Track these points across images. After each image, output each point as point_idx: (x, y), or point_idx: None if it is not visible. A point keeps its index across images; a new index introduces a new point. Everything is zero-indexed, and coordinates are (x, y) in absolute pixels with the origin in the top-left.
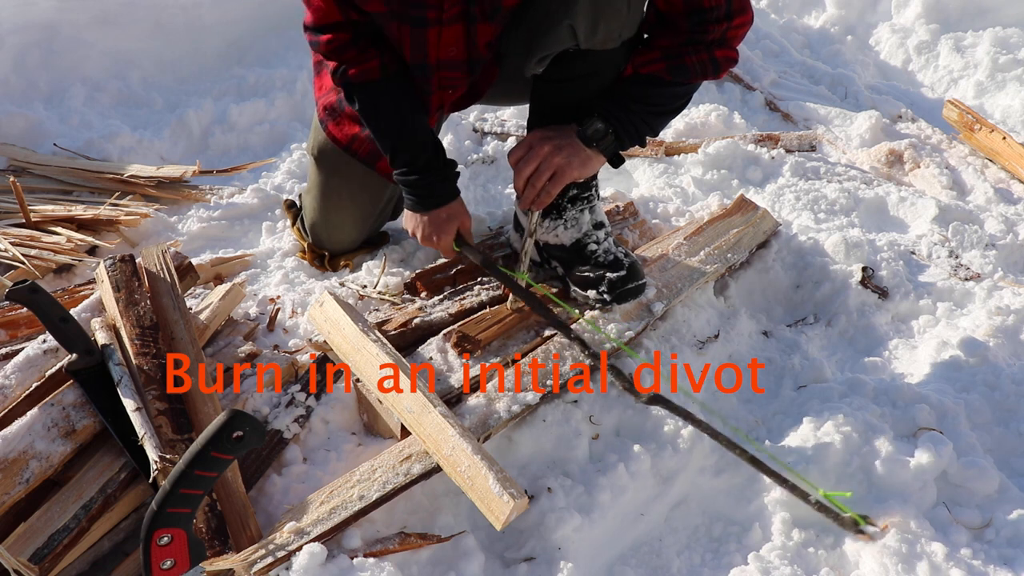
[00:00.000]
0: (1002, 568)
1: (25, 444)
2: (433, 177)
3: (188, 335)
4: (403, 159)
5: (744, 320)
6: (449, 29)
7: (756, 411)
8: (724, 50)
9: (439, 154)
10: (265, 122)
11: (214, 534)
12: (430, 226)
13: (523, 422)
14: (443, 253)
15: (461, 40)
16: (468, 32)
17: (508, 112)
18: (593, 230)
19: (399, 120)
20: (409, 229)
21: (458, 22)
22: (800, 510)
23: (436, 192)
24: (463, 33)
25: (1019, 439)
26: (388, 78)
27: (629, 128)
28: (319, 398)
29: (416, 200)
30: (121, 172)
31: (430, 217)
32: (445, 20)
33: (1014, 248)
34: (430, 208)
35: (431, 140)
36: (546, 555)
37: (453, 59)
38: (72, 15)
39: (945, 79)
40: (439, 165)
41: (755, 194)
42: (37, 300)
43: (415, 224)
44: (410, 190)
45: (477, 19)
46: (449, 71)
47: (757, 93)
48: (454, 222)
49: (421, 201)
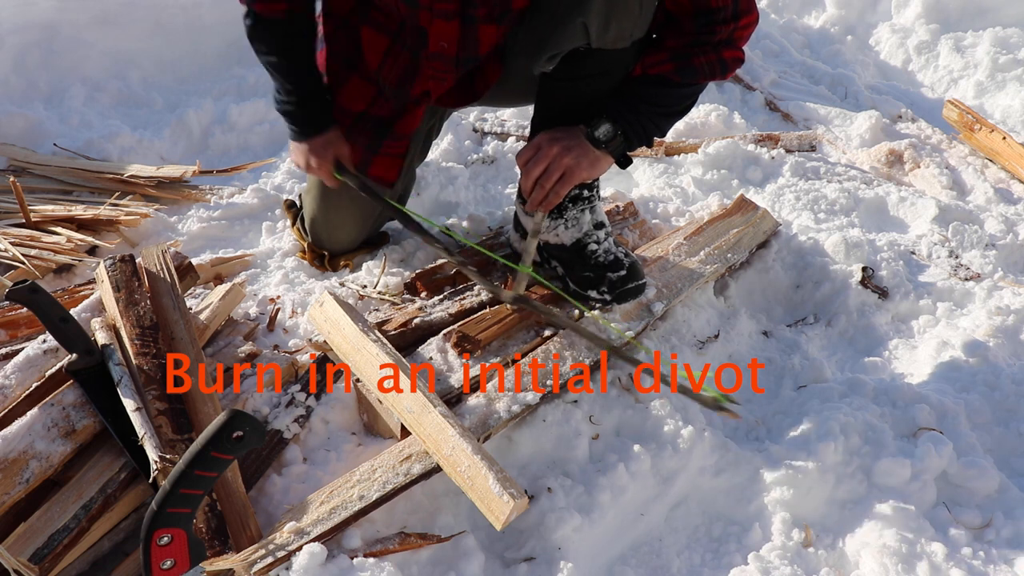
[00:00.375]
0: (1002, 568)
1: (25, 444)
2: (310, 107)
3: (188, 335)
4: (286, 90)
5: (744, 320)
6: (446, 24)
7: (756, 411)
8: (731, 51)
9: (317, 87)
10: (265, 122)
11: (214, 534)
12: (310, 153)
13: (523, 422)
14: (325, 180)
15: (455, 38)
16: (466, 32)
17: (508, 112)
18: (594, 230)
19: (289, 58)
20: (293, 160)
21: (454, 19)
22: (801, 510)
23: (313, 121)
24: (458, 32)
25: (1019, 439)
26: (291, 21)
27: (638, 129)
28: (319, 398)
29: (296, 130)
30: (121, 172)
31: (309, 145)
32: (436, 11)
33: (1014, 248)
34: (309, 136)
35: (314, 76)
36: (546, 555)
37: (443, 53)
38: (72, 15)
39: (945, 79)
40: (315, 96)
41: (755, 194)
42: (37, 300)
43: (297, 153)
44: (289, 119)
45: (479, 20)
46: (438, 63)
47: (757, 93)
48: (330, 148)
49: (301, 130)
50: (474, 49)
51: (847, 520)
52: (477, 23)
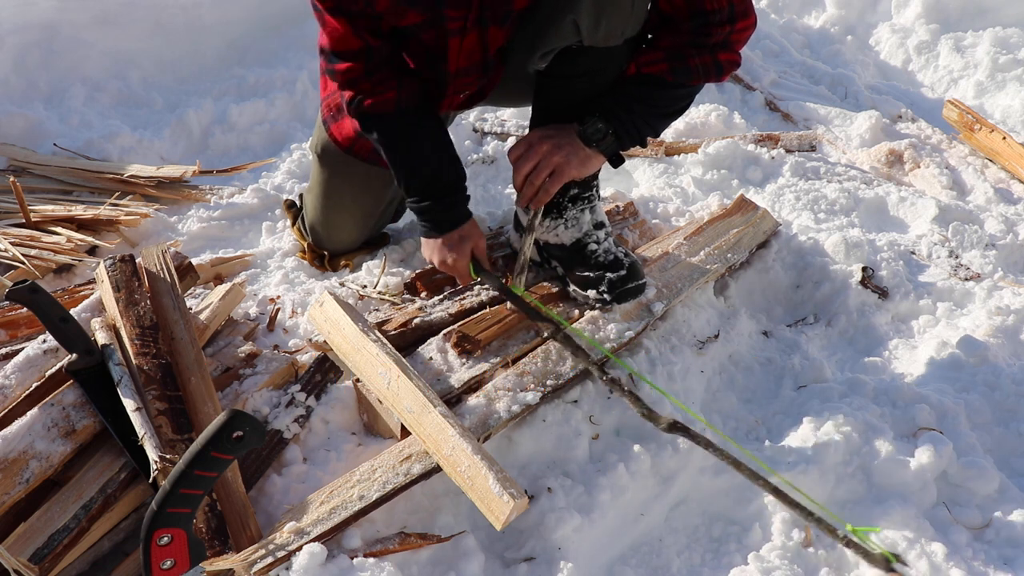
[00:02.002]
0: (1002, 568)
1: (25, 444)
2: (446, 201)
3: (188, 335)
4: (416, 188)
5: (744, 320)
6: (469, 36)
7: (756, 411)
8: (727, 53)
9: (451, 180)
10: (265, 122)
11: (214, 534)
12: (445, 249)
13: (523, 422)
14: (460, 279)
15: (478, 46)
16: (482, 37)
17: (508, 112)
18: (593, 230)
19: (414, 152)
20: (426, 256)
21: (475, 28)
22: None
23: (450, 216)
24: (478, 39)
25: (1019, 439)
26: (403, 111)
27: (630, 128)
28: (319, 398)
29: (430, 226)
30: (121, 172)
31: (444, 240)
32: (468, 27)
33: (1014, 248)
34: (445, 231)
35: (445, 166)
36: (546, 555)
37: (471, 65)
38: (72, 15)
39: (945, 79)
40: (451, 190)
41: (755, 194)
42: (37, 300)
43: (431, 250)
44: (423, 216)
45: (489, 23)
46: (465, 77)
47: (757, 93)
48: (468, 243)
49: (436, 226)
50: (488, 54)
51: (847, 520)
52: (488, 26)
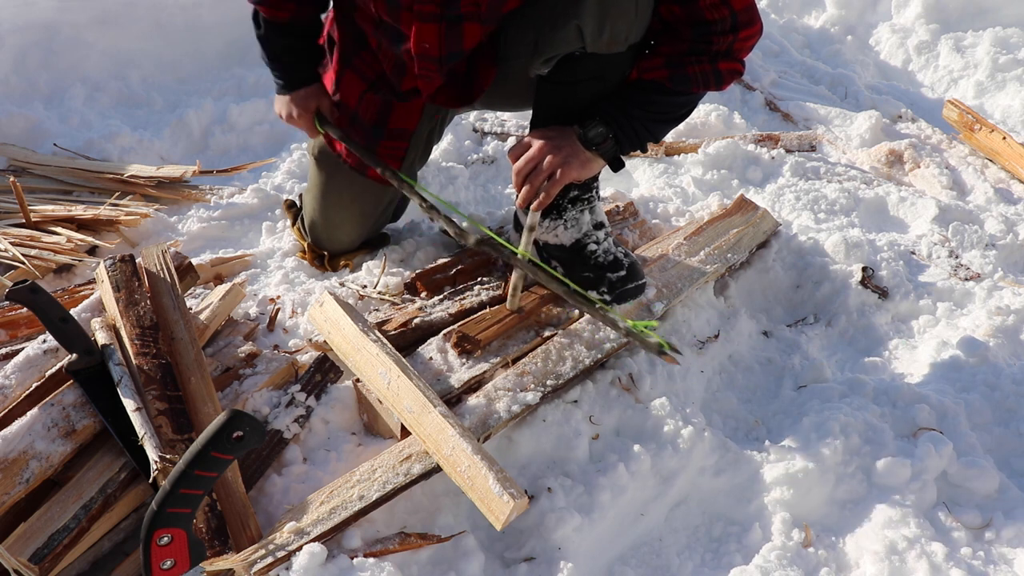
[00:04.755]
0: (1002, 568)
1: (25, 444)
2: (293, 60)
3: (188, 335)
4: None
5: (744, 320)
6: (426, 26)
7: (756, 411)
8: (729, 62)
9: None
10: (265, 122)
11: (214, 534)
12: (292, 104)
13: (523, 422)
14: (307, 132)
15: (437, 39)
16: (449, 32)
17: (508, 113)
18: (593, 230)
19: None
20: (276, 111)
21: (432, 22)
22: (801, 510)
23: (297, 74)
24: (440, 33)
25: (1019, 439)
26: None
27: (630, 133)
28: (319, 398)
29: (282, 83)
30: (121, 172)
31: (291, 97)
32: (416, 12)
33: (1014, 248)
34: (294, 87)
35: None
36: (546, 555)
37: (427, 53)
38: (72, 15)
39: (945, 79)
40: (299, 50)
41: (755, 194)
42: (37, 300)
43: (279, 106)
44: (276, 74)
45: (464, 19)
46: (423, 61)
47: (757, 93)
48: (312, 100)
49: (287, 83)
50: (458, 46)
51: (847, 520)
52: (462, 22)
